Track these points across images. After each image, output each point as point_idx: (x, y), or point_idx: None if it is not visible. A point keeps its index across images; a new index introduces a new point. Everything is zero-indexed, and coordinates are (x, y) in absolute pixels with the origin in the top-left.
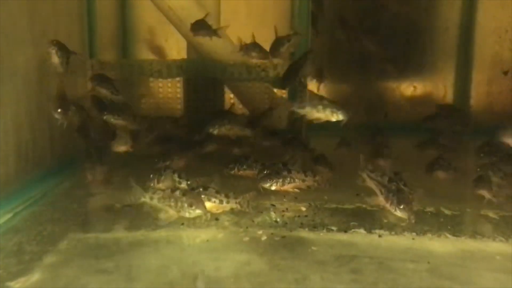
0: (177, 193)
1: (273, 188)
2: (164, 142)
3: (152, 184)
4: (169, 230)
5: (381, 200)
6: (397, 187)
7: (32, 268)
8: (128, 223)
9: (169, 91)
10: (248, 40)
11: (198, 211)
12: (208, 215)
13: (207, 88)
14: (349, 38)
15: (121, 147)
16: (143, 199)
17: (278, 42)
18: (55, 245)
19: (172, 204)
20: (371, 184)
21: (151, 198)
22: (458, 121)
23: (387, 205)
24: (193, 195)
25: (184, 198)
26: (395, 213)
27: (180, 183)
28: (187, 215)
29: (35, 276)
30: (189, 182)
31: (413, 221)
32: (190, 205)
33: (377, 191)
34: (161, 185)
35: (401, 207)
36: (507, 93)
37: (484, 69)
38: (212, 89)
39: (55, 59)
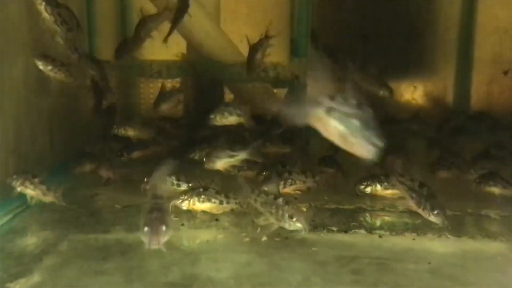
0: (280, 200)
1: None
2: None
3: (147, 187)
4: None
5: (411, 204)
6: (428, 192)
7: (32, 269)
8: (129, 224)
9: None
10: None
11: (298, 225)
12: (306, 231)
13: (207, 88)
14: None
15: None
16: (248, 199)
17: (252, 53)
18: (55, 246)
19: (273, 211)
20: (399, 188)
21: (255, 201)
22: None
23: (419, 210)
24: (295, 206)
25: (286, 207)
26: (429, 218)
27: (179, 185)
28: (286, 226)
29: (35, 278)
30: (190, 184)
31: (446, 225)
32: (291, 217)
33: (407, 196)
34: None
35: (436, 212)
36: (507, 93)
37: (484, 69)
38: (212, 89)
39: (46, 15)
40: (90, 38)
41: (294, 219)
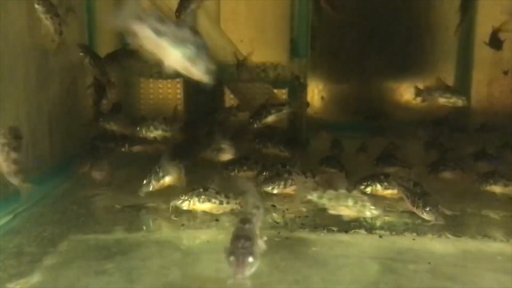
0: (355, 192)
1: (275, 191)
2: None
3: (149, 188)
4: (169, 231)
5: (408, 204)
6: (422, 190)
7: (32, 269)
8: (129, 224)
9: (169, 92)
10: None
11: (378, 212)
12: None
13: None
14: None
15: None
16: (309, 197)
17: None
18: (55, 247)
19: (350, 204)
20: (397, 189)
21: (320, 197)
22: None
23: (414, 209)
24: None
25: (365, 197)
26: (422, 216)
27: None
28: (368, 214)
29: (35, 278)
30: None
31: (441, 222)
32: (372, 205)
33: (404, 196)
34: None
35: (427, 209)
36: (507, 93)
37: (484, 69)
38: (212, 89)
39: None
40: (90, 36)
41: (374, 208)
